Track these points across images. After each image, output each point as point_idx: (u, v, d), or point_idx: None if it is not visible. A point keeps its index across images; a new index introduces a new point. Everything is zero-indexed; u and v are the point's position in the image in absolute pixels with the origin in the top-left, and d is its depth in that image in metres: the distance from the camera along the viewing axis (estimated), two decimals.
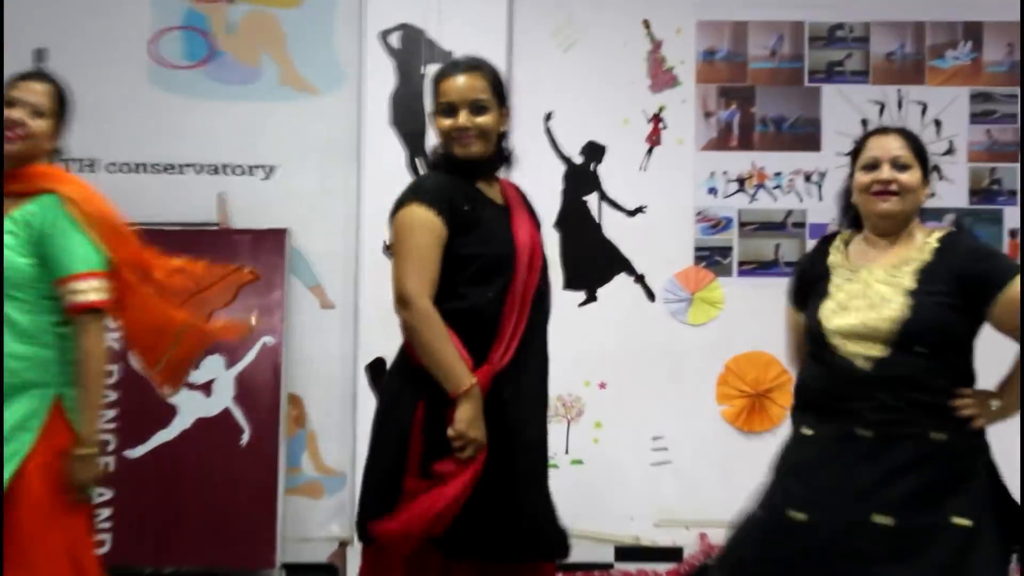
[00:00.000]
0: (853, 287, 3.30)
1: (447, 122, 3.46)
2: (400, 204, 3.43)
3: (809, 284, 3.42)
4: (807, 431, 3.30)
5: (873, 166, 3.32)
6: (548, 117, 5.98)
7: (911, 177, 3.30)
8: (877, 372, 3.18)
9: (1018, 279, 3.17)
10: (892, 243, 3.34)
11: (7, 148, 3.36)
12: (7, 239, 3.30)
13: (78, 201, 3.38)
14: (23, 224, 3.32)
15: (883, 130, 3.44)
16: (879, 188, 3.29)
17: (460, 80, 3.47)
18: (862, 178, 3.33)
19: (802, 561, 3.17)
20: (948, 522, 3.11)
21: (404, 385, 3.41)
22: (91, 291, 3.34)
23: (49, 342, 3.32)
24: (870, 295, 3.26)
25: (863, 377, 3.19)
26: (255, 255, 5.83)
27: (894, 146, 3.33)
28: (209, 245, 5.82)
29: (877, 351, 3.19)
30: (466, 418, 3.26)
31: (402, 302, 3.33)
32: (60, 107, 3.50)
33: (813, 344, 3.32)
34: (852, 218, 3.46)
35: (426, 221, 3.35)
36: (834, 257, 3.41)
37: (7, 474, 3.21)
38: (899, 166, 3.30)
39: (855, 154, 3.41)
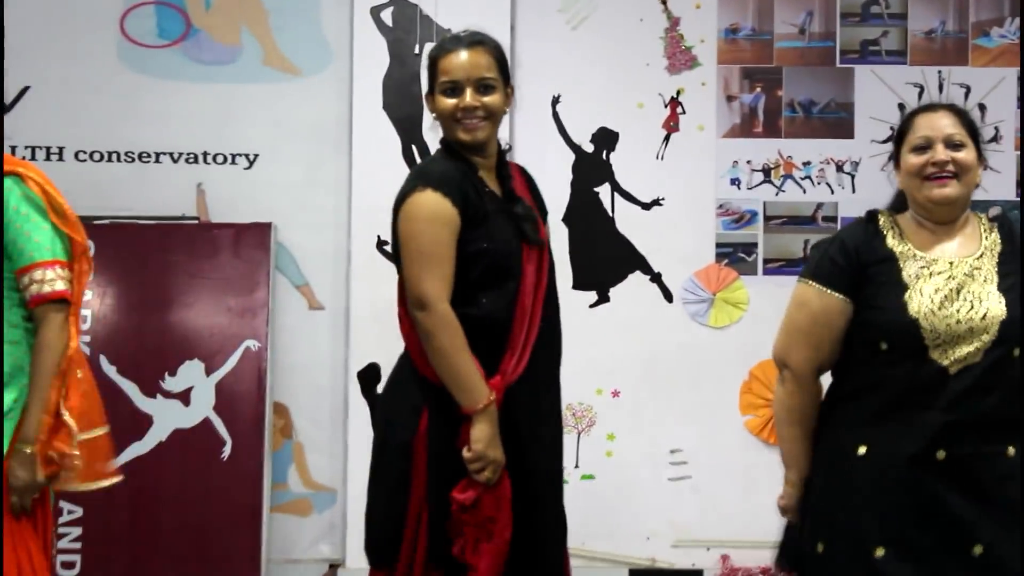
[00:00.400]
0: (938, 280, 3.15)
1: (450, 102, 3.37)
2: (408, 191, 3.33)
3: (862, 268, 3.21)
4: (861, 450, 3.15)
5: (925, 147, 3.18)
6: (556, 101, 5.98)
7: (968, 156, 3.18)
8: (968, 378, 3.09)
9: None
10: (956, 229, 3.23)
11: None
12: None
13: (40, 183, 3.40)
14: None
15: (931, 107, 3.29)
16: (934, 171, 3.17)
17: (464, 56, 3.38)
18: (914, 160, 3.19)
19: None
20: None
21: (406, 395, 3.38)
22: (56, 280, 3.36)
23: (21, 337, 3.35)
24: (964, 290, 3.14)
25: (950, 384, 3.09)
26: (237, 251, 5.90)
27: (946, 123, 3.20)
28: (187, 240, 5.94)
29: (973, 355, 3.10)
30: (484, 438, 3.23)
31: (420, 305, 3.25)
32: None
33: (892, 343, 3.14)
34: (896, 205, 3.33)
35: (440, 212, 3.27)
36: (894, 241, 3.25)
37: None
38: (953, 145, 3.17)
39: (900, 135, 3.27)
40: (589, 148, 6.01)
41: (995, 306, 3.12)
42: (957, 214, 3.22)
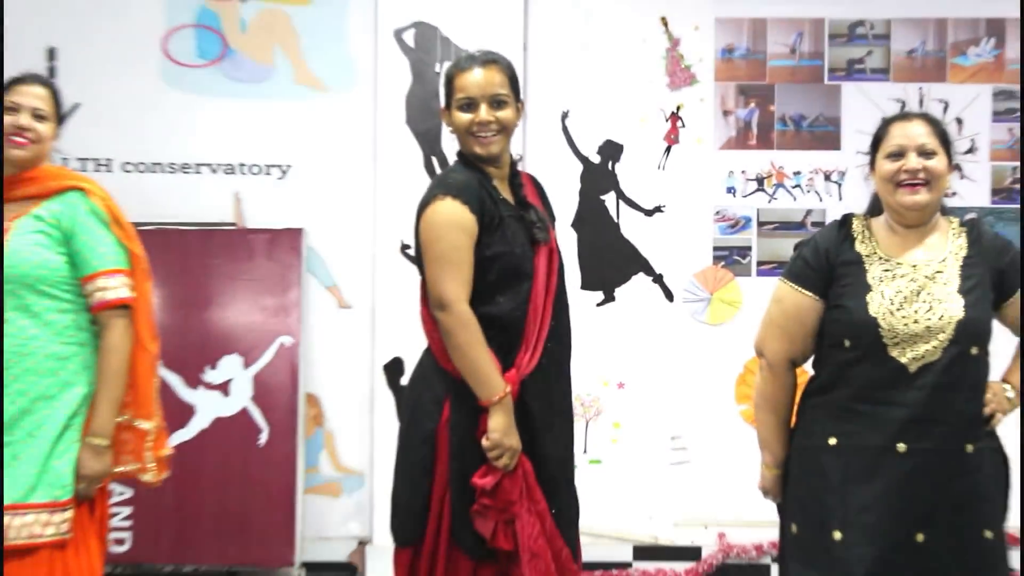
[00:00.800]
0: (900, 282, 3.16)
1: (466, 117, 3.40)
2: (430, 199, 3.36)
3: (832, 269, 3.23)
4: (831, 440, 3.18)
5: (899, 154, 3.19)
6: (565, 116, 5.98)
7: (939, 164, 3.18)
8: (929, 376, 3.09)
9: None
10: (924, 233, 3.22)
11: (17, 153, 3.41)
12: (38, 238, 3.35)
13: (104, 197, 3.44)
14: (53, 223, 3.37)
15: (906, 116, 3.30)
16: (907, 178, 3.17)
17: (478, 74, 3.40)
18: (888, 166, 3.20)
19: None
20: (981, 536, 3.12)
21: (429, 387, 3.40)
22: (118, 287, 3.40)
23: (86, 340, 3.38)
24: (923, 292, 3.14)
25: (911, 380, 3.10)
26: (271, 254, 5.88)
27: (919, 132, 3.20)
28: (225, 244, 5.92)
29: (931, 353, 3.10)
30: (500, 427, 3.26)
31: (441, 306, 3.28)
32: (58, 109, 3.54)
33: (854, 340, 3.15)
34: (872, 209, 3.34)
35: (460, 219, 3.29)
36: (862, 245, 3.25)
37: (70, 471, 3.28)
38: (925, 153, 3.18)
39: (876, 141, 3.28)
40: (596, 159, 6.01)
41: (953, 308, 3.11)
42: (927, 218, 3.23)
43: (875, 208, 3.32)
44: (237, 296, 5.89)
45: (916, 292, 3.15)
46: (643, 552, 5.92)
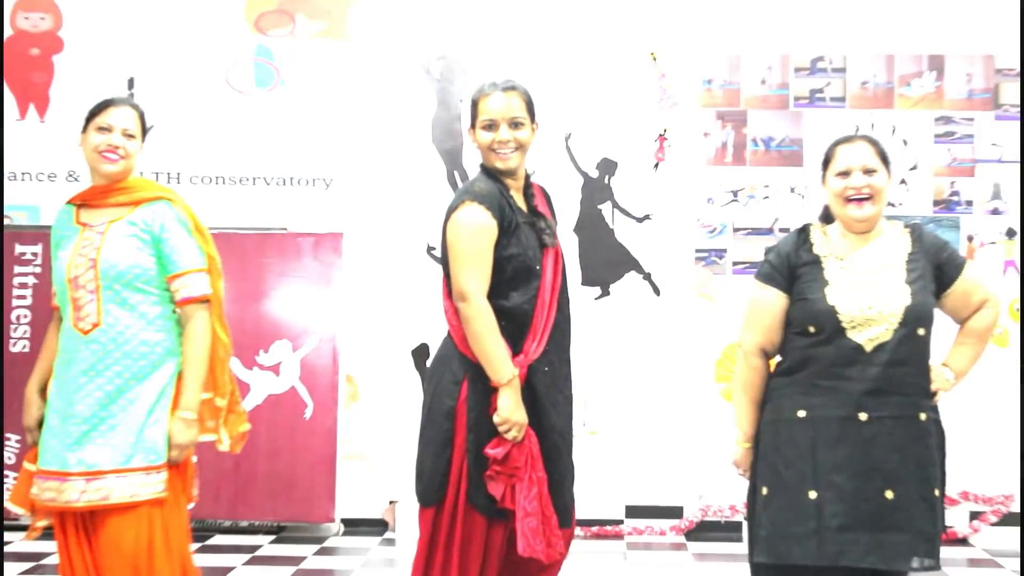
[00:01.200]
0: (853, 276, 3.20)
1: (488, 136, 3.43)
2: (456, 204, 3.39)
3: (793, 269, 3.27)
4: (800, 413, 3.19)
5: (846, 173, 3.22)
6: (568, 137, 6.14)
7: (880, 180, 3.23)
8: (883, 354, 3.12)
9: (967, 272, 3.26)
10: (872, 236, 3.27)
11: (110, 168, 3.51)
12: (134, 242, 3.44)
13: (185, 207, 3.52)
14: (145, 228, 3.47)
15: (850, 138, 3.31)
16: (853, 194, 3.21)
17: (500, 99, 3.42)
18: (836, 185, 3.24)
19: (822, 539, 3.11)
20: (932, 493, 3.18)
21: (449, 368, 3.42)
22: (200, 284, 3.51)
23: (171, 328, 3.47)
24: (874, 283, 3.18)
25: (868, 358, 3.13)
26: (316, 255, 6.06)
27: (863, 153, 3.23)
28: (277, 247, 6.05)
29: (883, 334, 3.13)
30: (508, 405, 3.30)
31: (462, 297, 3.32)
32: (143, 129, 3.60)
33: (818, 326, 3.18)
34: (825, 215, 3.38)
35: (483, 223, 3.33)
36: (819, 247, 3.28)
37: (163, 439, 3.43)
38: (869, 171, 3.21)
39: (826, 161, 3.31)
40: (594, 174, 6.12)
41: (901, 295, 3.17)
42: (872, 226, 3.28)
43: (827, 216, 3.39)
44: (287, 290, 6.15)
45: (868, 283, 3.20)
46: (633, 511, 6.11)
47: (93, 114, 3.51)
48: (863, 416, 3.14)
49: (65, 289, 3.45)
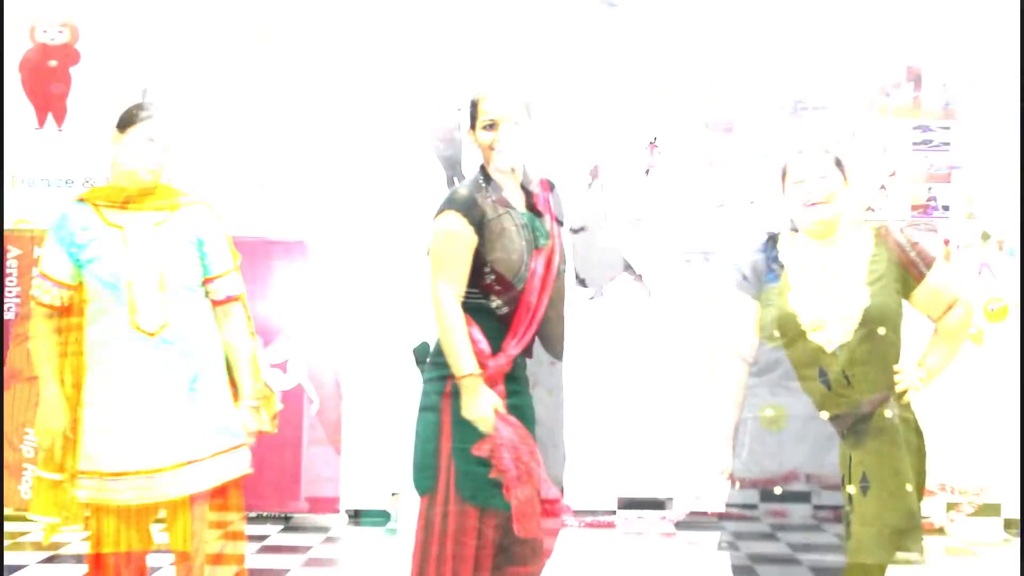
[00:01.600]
0: (814, 281, 3.27)
1: (489, 137, 3.46)
2: (437, 211, 3.45)
3: (759, 276, 3.37)
4: (767, 412, 3.30)
5: (801, 181, 3.32)
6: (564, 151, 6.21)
7: (833, 184, 3.31)
8: (844, 354, 3.20)
9: (936, 271, 3.31)
10: (835, 240, 3.33)
11: (153, 179, 3.56)
12: (186, 245, 3.58)
13: (218, 214, 3.69)
14: (193, 232, 3.59)
15: (803, 149, 3.40)
16: (809, 200, 3.31)
17: (498, 100, 3.47)
18: (793, 193, 3.35)
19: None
20: (903, 488, 3.25)
21: (436, 367, 3.50)
22: (236, 284, 3.69)
23: (214, 323, 3.66)
24: (833, 286, 3.24)
25: (829, 359, 3.20)
26: (323, 259, 6.13)
27: (815, 160, 3.33)
28: (284, 252, 6.08)
29: (843, 335, 3.20)
30: (466, 402, 3.35)
31: (432, 300, 3.42)
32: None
33: (783, 330, 3.28)
34: (792, 223, 3.48)
35: (458, 231, 3.38)
36: (784, 255, 3.37)
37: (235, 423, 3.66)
38: (822, 177, 3.30)
39: (784, 173, 3.40)
40: (590, 181, 6.22)
41: (860, 297, 3.24)
42: (833, 230, 3.35)
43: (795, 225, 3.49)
44: (296, 294, 6.11)
45: (827, 287, 3.27)
46: (624, 502, 6.19)
47: (134, 120, 3.53)
48: (824, 415, 3.24)
49: (118, 290, 3.46)
